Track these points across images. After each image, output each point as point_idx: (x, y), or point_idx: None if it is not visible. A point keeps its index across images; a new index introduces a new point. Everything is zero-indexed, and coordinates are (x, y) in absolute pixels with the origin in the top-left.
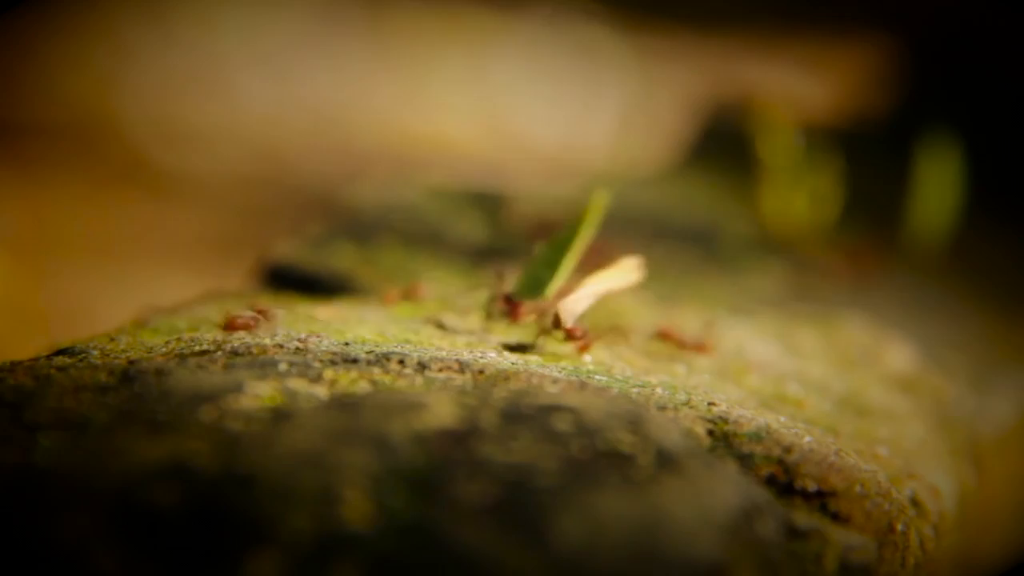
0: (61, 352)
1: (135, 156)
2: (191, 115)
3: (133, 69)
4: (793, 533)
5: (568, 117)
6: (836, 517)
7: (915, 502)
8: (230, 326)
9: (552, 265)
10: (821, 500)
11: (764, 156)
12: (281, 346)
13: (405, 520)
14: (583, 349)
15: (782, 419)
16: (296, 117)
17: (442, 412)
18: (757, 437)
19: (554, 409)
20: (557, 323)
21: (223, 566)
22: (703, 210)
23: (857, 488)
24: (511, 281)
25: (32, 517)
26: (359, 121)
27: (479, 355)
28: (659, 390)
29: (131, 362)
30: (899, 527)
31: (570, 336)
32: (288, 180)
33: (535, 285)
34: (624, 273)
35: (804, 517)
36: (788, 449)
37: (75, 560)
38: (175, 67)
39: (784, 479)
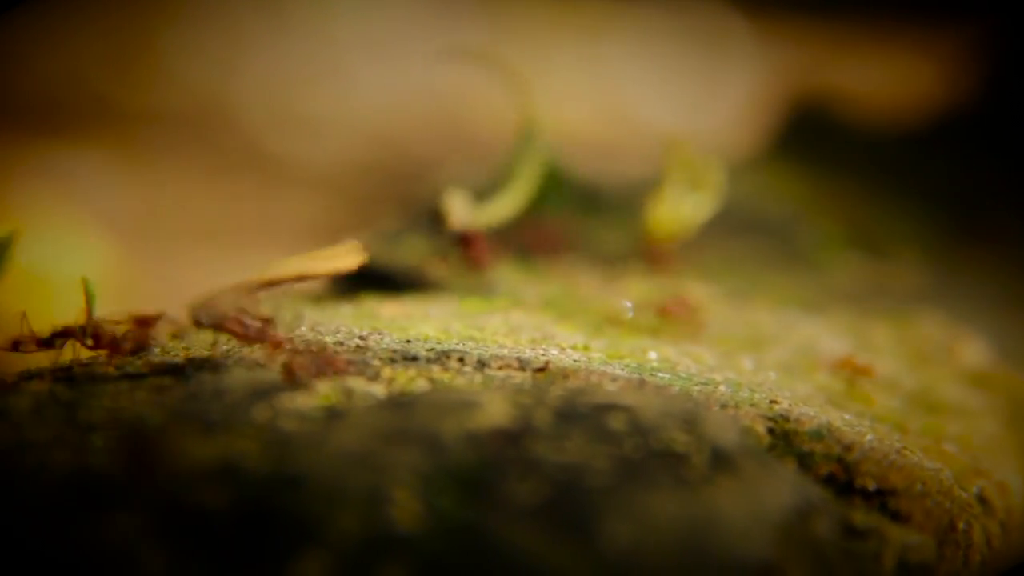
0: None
1: (249, 143)
2: (306, 102)
3: (249, 56)
4: (851, 532)
5: (685, 101)
6: (896, 516)
7: (982, 499)
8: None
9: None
10: (881, 499)
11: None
12: (342, 344)
13: (454, 521)
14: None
15: (847, 417)
16: (411, 104)
17: (495, 411)
18: (818, 435)
19: (609, 408)
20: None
21: (269, 568)
22: (785, 203)
23: (918, 487)
24: None
25: (81, 518)
26: (474, 107)
27: (541, 352)
28: (722, 387)
29: (189, 360)
30: (961, 525)
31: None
32: (402, 167)
33: None
34: (334, 258)
35: (862, 516)
36: (849, 448)
37: (123, 562)
38: (291, 54)
39: (844, 478)
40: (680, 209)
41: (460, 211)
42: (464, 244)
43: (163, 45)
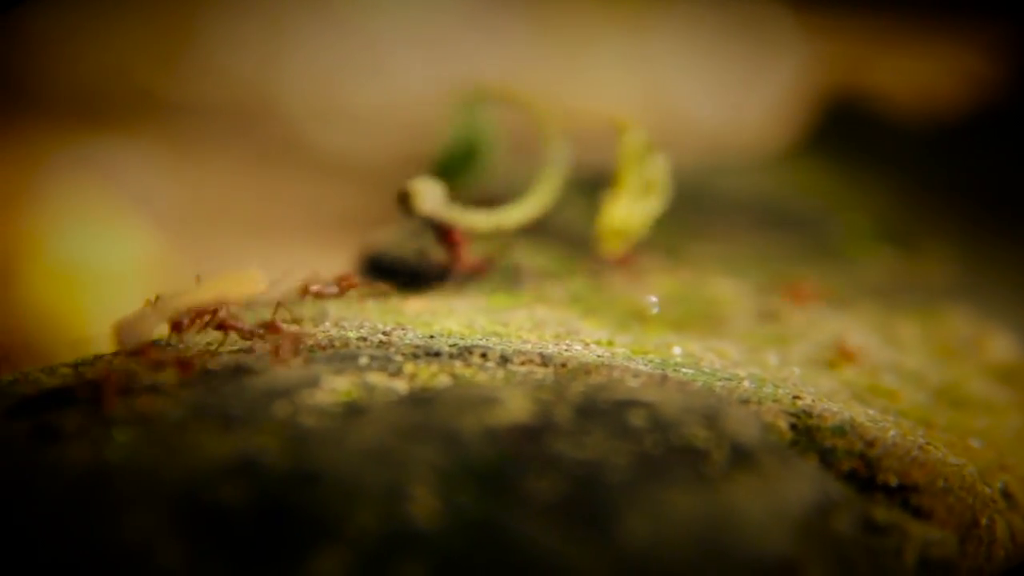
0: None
1: (291, 134)
2: (348, 94)
3: (291, 48)
4: (871, 528)
5: (727, 94)
6: (917, 512)
7: (1006, 494)
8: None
9: None
10: (903, 495)
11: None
12: (365, 339)
13: (472, 517)
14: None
15: (871, 412)
16: (451, 95)
17: (515, 407)
18: (840, 431)
19: (630, 404)
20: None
21: (287, 564)
22: (816, 197)
23: (940, 483)
24: None
25: (99, 513)
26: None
27: (564, 348)
28: (746, 383)
29: (212, 356)
30: (984, 521)
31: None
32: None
33: None
34: (238, 283)
35: (884, 512)
36: (871, 443)
37: (139, 557)
38: (333, 46)
39: (866, 474)
40: (632, 210)
41: (428, 196)
42: (441, 236)
43: (206, 37)
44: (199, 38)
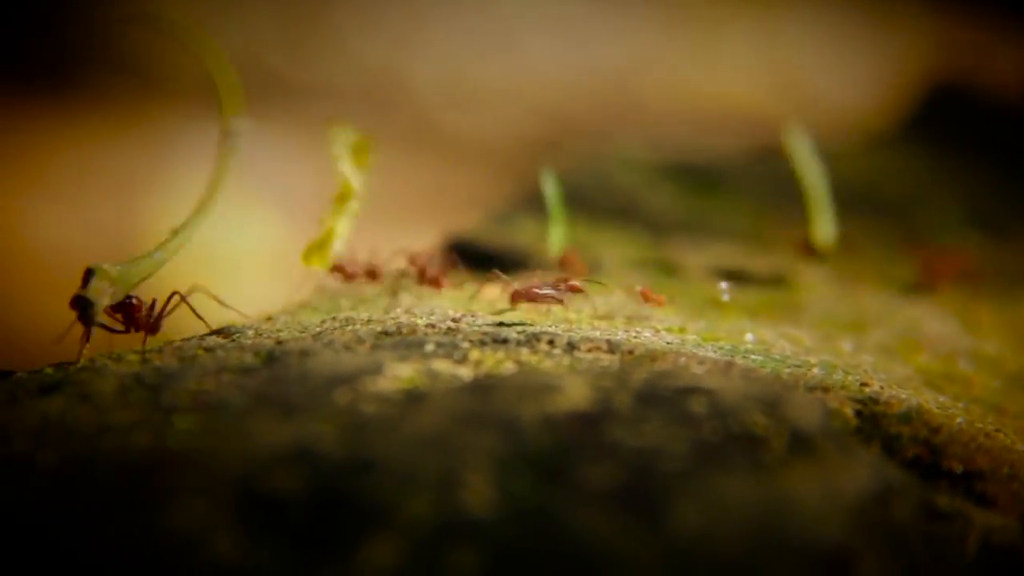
0: (216, 332)
1: (422, 117)
2: (477, 77)
3: (422, 31)
4: (933, 516)
5: (854, 75)
6: (981, 499)
7: None
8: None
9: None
10: (967, 482)
11: None
12: (433, 326)
13: (526, 505)
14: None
15: (941, 399)
16: (583, 78)
17: (575, 395)
18: (906, 418)
19: (691, 391)
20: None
21: (338, 552)
22: (908, 182)
23: (1005, 469)
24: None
25: (154, 502)
26: (646, 82)
27: (633, 335)
28: (815, 370)
29: (278, 343)
30: None
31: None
32: (572, 143)
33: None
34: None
35: (947, 500)
36: (936, 430)
37: (193, 546)
38: (463, 28)
39: (930, 461)
40: None
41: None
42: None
43: (338, 20)
44: (330, 21)
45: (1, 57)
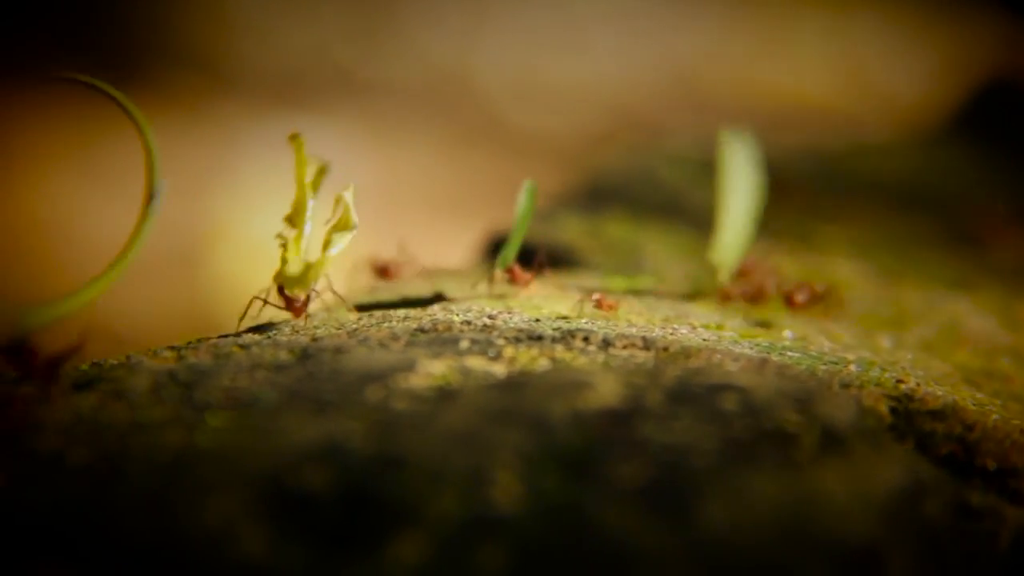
0: (253, 329)
1: (488, 114)
2: (544, 73)
3: (489, 27)
4: (966, 513)
5: (923, 72)
6: (1015, 496)
7: None
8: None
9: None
10: (1001, 479)
11: None
12: (469, 323)
13: (554, 502)
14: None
15: (979, 396)
16: (650, 74)
17: (607, 392)
18: (941, 415)
19: (724, 388)
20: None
21: (366, 549)
22: (954, 179)
23: None
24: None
25: (183, 499)
26: (714, 77)
27: (670, 332)
28: (852, 367)
29: (314, 339)
30: None
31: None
32: (639, 138)
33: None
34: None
35: (979, 497)
36: (970, 427)
37: (221, 543)
38: (530, 25)
39: (964, 458)
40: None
41: None
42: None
43: (405, 17)
44: (398, 18)
45: (71, 52)
